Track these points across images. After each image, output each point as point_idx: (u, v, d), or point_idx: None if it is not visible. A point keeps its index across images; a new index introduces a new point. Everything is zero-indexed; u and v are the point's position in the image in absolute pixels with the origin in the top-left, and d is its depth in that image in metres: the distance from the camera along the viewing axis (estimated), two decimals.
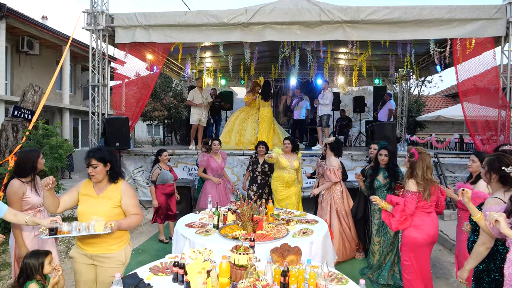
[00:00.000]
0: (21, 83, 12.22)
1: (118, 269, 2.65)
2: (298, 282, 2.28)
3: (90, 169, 2.56)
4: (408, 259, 3.32)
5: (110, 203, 2.60)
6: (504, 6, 6.38)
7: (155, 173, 5.36)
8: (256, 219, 3.46)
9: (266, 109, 8.48)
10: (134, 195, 2.73)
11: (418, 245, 3.26)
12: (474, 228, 2.60)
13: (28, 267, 2.37)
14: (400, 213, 3.23)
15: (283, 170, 5.19)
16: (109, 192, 2.63)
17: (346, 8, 6.56)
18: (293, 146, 5.26)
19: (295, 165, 5.19)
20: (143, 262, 3.90)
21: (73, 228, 2.43)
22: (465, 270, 2.51)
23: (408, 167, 3.31)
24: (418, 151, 3.23)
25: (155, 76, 8.18)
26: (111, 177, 2.65)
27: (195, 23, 6.88)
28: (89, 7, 7.28)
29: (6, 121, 5.56)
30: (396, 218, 3.24)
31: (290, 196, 5.19)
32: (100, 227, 2.42)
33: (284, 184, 5.22)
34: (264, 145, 5.83)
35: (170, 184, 5.52)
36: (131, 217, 2.63)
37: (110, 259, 2.62)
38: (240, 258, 2.39)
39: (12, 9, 10.62)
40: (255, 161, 5.82)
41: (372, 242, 4.26)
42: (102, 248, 2.60)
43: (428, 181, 3.19)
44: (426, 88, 22.12)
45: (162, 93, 17.34)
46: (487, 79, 6.59)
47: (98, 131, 7.64)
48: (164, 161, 5.50)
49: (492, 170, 2.45)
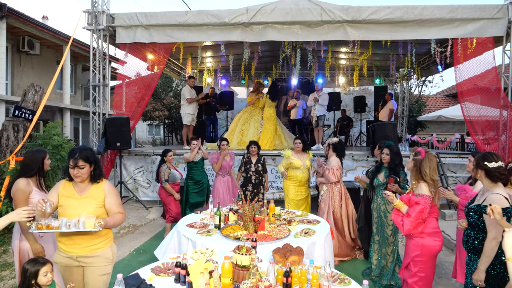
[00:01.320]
0: (21, 83, 12.22)
1: (107, 267, 2.63)
2: (300, 283, 2.27)
3: (76, 170, 2.50)
4: (423, 270, 3.06)
5: (94, 203, 2.56)
6: (506, 5, 6.36)
7: (166, 172, 5.43)
8: (257, 219, 3.45)
9: (271, 110, 8.52)
10: (117, 195, 2.72)
11: (436, 254, 3.09)
12: (475, 224, 2.58)
13: (24, 271, 2.32)
14: (418, 213, 2.94)
15: (296, 170, 5.28)
16: (92, 192, 2.59)
17: (347, 8, 6.55)
18: (304, 145, 5.38)
19: (308, 164, 5.33)
20: (144, 263, 3.91)
21: (63, 224, 2.39)
22: (481, 270, 2.44)
23: (412, 166, 3.13)
24: (424, 150, 3.13)
25: (156, 76, 8.18)
26: (93, 178, 2.60)
27: (196, 23, 6.88)
28: (90, 7, 7.28)
29: (7, 121, 5.54)
30: (411, 219, 2.95)
31: (306, 199, 5.30)
32: (91, 224, 2.39)
33: (297, 184, 5.30)
34: (256, 145, 5.91)
35: (177, 183, 5.62)
36: (116, 216, 2.60)
37: (97, 258, 2.58)
38: (242, 259, 2.38)
39: (12, 9, 10.62)
40: (248, 161, 5.87)
41: (387, 244, 4.10)
42: (88, 248, 2.55)
43: (435, 183, 3.05)
44: (427, 88, 22.10)
45: (162, 93, 17.33)
46: (488, 79, 6.58)
47: (99, 131, 7.64)
48: (170, 161, 5.58)
49: (478, 166, 2.61)
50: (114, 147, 7.04)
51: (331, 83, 12.38)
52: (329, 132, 12.18)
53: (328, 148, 4.90)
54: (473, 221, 2.59)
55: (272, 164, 7.67)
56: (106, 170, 7.41)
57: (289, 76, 11.79)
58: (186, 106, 8.47)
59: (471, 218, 2.60)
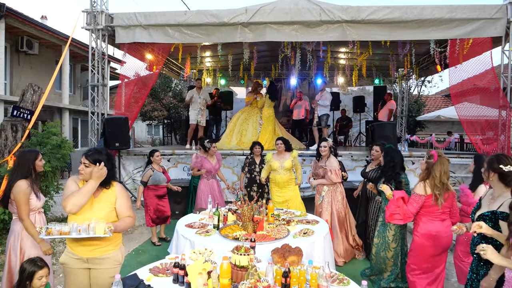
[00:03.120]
0: (20, 83, 12.19)
1: (115, 269, 2.60)
2: (299, 283, 2.27)
3: (82, 166, 2.48)
4: (414, 264, 3.33)
5: (107, 206, 2.53)
6: (505, 6, 6.36)
7: (147, 174, 5.19)
8: (256, 220, 3.45)
9: (270, 109, 8.52)
10: (128, 197, 2.69)
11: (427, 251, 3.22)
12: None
13: (22, 270, 2.30)
14: (391, 204, 3.31)
15: (275, 172, 5.22)
16: (104, 194, 2.56)
17: (346, 8, 6.55)
18: (285, 146, 5.28)
19: (286, 165, 5.17)
20: (143, 263, 3.90)
21: (74, 229, 2.37)
22: (493, 279, 2.35)
23: (425, 168, 3.24)
24: (438, 154, 3.17)
25: (154, 76, 8.19)
26: (104, 182, 2.54)
27: (195, 22, 6.86)
28: (89, 6, 7.26)
29: (5, 121, 5.53)
30: (388, 209, 3.34)
31: (288, 201, 5.16)
32: (101, 230, 2.36)
33: (278, 186, 5.23)
34: (259, 145, 5.91)
35: (162, 186, 5.37)
36: (125, 220, 2.57)
37: (107, 260, 2.57)
38: (241, 259, 2.38)
39: (11, 8, 10.60)
40: (252, 162, 5.86)
41: (387, 249, 4.04)
42: (99, 251, 2.53)
43: (444, 185, 3.13)
44: (426, 88, 22.12)
45: (161, 93, 17.32)
46: (487, 79, 6.58)
47: (98, 131, 7.62)
48: (156, 162, 5.31)
49: (491, 169, 2.47)
50: (113, 147, 7.02)
51: (330, 83, 12.37)
52: (329, 132, 12.17)
53: (329, 150, 4.87)
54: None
55: None
56: None
57: (288, 76, 11.78)
58: (190, 106, 8.66)
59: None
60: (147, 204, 5.34)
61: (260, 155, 5.88)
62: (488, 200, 2.55)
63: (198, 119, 8.57)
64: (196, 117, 8.53)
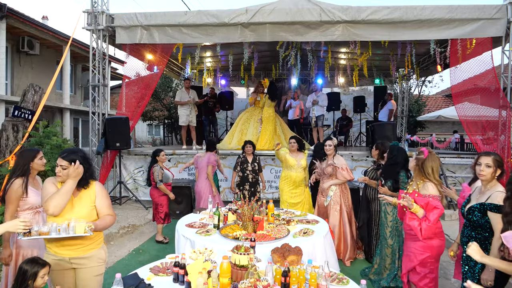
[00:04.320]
0: (21, 83, 12.22)
1: (100, 267, 2.60)
2: (299, 283, 2.28)
3: (59, 168, 2.45)
4: (434, 271, 3.06)
5: (87, 204, 2.52)
6: (505, 6, 6.36)
7: (160, 173, 5.34)
8: (256, 219, 3.46)
9: (271, 109, 8.54)
10: (108, 196, 2.68)
11: (441, 253, 3.11)
12: (478, 223, 2.57)
13: (23, 272, 2.29)
14: (437, 217, 2.88)
15: (290, 169, 5.22)
16: (84, 194, 2.55)
17: (346, 8, 6.55)
18: (299, 145, 5.32)
19: (302, 163, 5.23)
20: (143, 262, 3.91)
21: (53, 229, 2.32)
22: (491, 270, 2.40)
23: (414, 165, 3.11)
24: (428, 150, 3.09)
25: (156, 76, 8.22)
26: (82, 181, 2.51)
27: (195, 23, 6.87)
28: (89, 7, 7.27)
29: (6, 121, 5.55)
30: (430, 224, 2.85)
31: (303, 204, 5.20)
32: (81, 229, 2.33)
33: (292, 184, 5.24)
34: (251, 144, 5.97)
35: (169, 183, 5.56)
36: (105, 218, 2.56)
37: (90, 258, 2.55)
38: (241, 259, 2.39)
39: (12, 9, 10.62)
40: (244, 161, 5.92)
41: (385, 245, 4.05)
42: (80, 250, 2.50)
43: (439, 183, 3.05)
44: (427, 88, 22.11)
45: (162, 93, 17.35)
46: (487, 79, 6.58)
47: (99, 131, 7.64)
48: (162, 161, 5.49)
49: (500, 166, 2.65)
50: (114, 147, 7.05)
51: (330, 83, 12.39)
52: (329, 132, 12.18)
53: (334, 148, 4.85)
54: (477, 220, 2.58)
55: (271, 164, 7.68)
56: (105, 170, 7.41)
57: (288, 76, 11.78)
58: (179, 108, 8.77)
59: (475, 217, 2.59)
60: (159, 202, 5.45)
61: (252, 154, 5.95)
62: (477, 194, 2.71)
63: (190, 119, 8.67)
64: (187, 118, 8.65)
